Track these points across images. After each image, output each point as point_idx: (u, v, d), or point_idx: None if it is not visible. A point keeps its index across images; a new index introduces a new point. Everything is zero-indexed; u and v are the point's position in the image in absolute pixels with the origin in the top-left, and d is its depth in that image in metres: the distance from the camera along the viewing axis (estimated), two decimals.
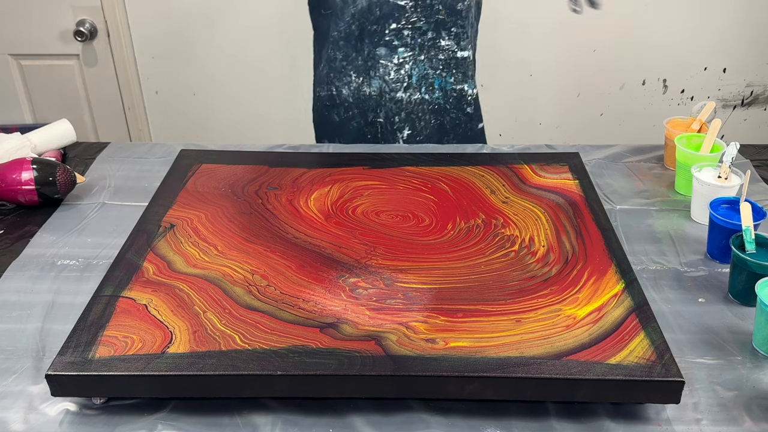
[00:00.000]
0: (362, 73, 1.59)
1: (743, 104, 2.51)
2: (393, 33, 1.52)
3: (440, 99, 1.60)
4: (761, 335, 0.98)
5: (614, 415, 0.89)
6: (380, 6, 1.50)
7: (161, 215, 1.19)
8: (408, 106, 1.59)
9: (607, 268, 1.05)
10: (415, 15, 1.51)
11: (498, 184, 1.29)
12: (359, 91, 1.60)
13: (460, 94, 1.60)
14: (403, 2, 1.50)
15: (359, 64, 1.58)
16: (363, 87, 1.60)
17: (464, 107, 1.62)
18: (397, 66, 1.56)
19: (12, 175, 1.29)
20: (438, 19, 1.52)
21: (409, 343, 0.91)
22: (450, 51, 1.56)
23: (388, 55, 1.55)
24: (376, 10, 1.50)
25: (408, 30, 1.52)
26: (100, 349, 0.90)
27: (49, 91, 2.46)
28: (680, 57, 2.40)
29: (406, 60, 1.55)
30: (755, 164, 1.46)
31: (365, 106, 1.61)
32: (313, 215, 1.19)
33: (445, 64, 1.57)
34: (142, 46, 2.40)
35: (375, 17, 1.51)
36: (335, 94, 1.62)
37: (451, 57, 1.57)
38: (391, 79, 1.57)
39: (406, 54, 1.55)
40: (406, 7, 1.50)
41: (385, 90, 1.58)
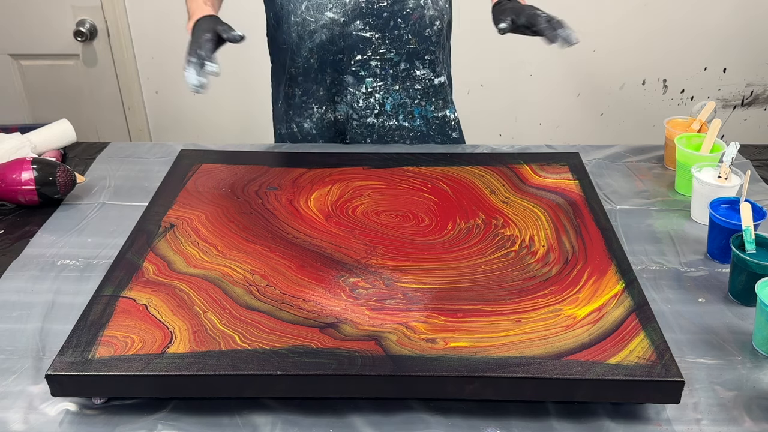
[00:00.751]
0: (325, 102, 1.52)
1: (743, 104, 2.51)
2: (359, 64, 1.45)
3: (423, 126, 1.54)
4: (761, 335, 0.98)
5: (614, 415, 0.89)
6: (343, 38, 1.43)
7: (161, 215, 1.19)
8: (381, 130, 1.54)
9: (607, 268, 1.05)
10: (383, 47, 1.44)
11: (498, 184, 1.29)
12: (323, 119, 1.54)
13: (443, 121, 1.55)
14: (368, 34, 1.42)
15: (321, 94, 1.52)
16: (327, 114, 1.54)
17: (449, 133, 1.57)
18: (366, 95, 1.49)
19: (12, 175, 1.29)
20: (409, 49, 1.45)
21: (409, 343, 0.91)
22: (426, 80, 1.50)
23: (356, 84, 1.48)
24: (339, 41, 1.43)
25: (376, 61, 1.45)
26: (100, 349, 0.90)
27: (49, 91, 2.46)
28: (680, 57, 2.41)
29: (375, 89, 1.49)
30: (755, 164, 1.46)
31: (330, 132, 1.56)
32: (313, 215, 1.19)
33: (424, 93, 1.51)
34: (142, 46, 2.40)
35: (338, 48, 1.44)
36: (296, 131, 1.57)
37: (429, 86, 1.51)
38: (360, 106, 1.50)
39: (375, 84, 1.48)
40: (372, 39, 1.43)
41: (352, 116, 1.52)
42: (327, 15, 1.40)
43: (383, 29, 1.42)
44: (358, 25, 1.41)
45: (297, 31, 1.44)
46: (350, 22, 1.41)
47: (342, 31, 1.41)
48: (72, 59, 2.41)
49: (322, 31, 1.42)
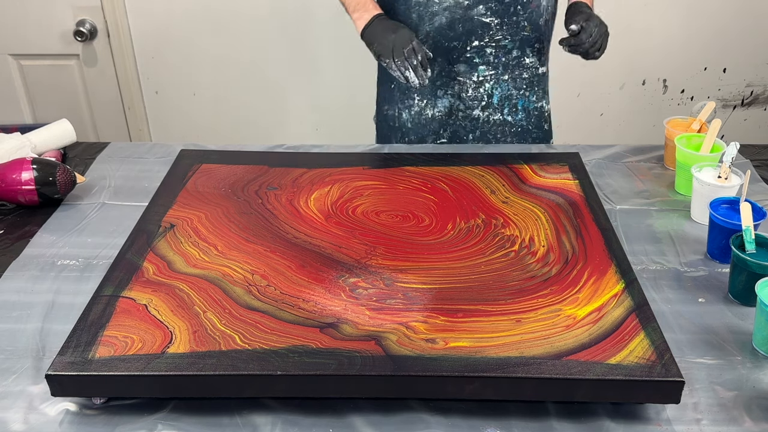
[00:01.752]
0: (427, 95, 1.54)
1: (743, 104, 2.51)
2: (474, 50, 1.47)
3: (523, 120, 1.57)
4: (761, 335, 0.98)
5: (614, 415, 0.89)
6: (463, 23, 1.44)
7: (161, 215, 1.19)
8: (485, 125, 1.56)
9: (607, 268, 1.05)
10: (500, 33, 1.46)
11: (498, 184, 1.29)
12: (420, 115, 1.56)
13: (540, 111, 1.58)
14: (488, 19, 1.44)
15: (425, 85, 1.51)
16: (426, 110, 1.55)
17: (543, 125, 1.60)
18: (476, 84, 1.51)
19: (12, 175, 1.29)
20: (523, 36, 1.47)
21: (409, 343, 0.91)
22: (533, 68, 1.53)
23: (468, 72, 1.50)
24: (458, 27, 1.45)
25: (491, 48, 1.47)
26: (100, 349, 0.90)
27: (49, 91, 2.46)
28: (680, 57, 2.40)
29: (486, 78, 1.51)
30: (755, 164, 1.46)
31: (424, 131, 1.57)
32: (313, 215, 1.19)
33: (529, 83, 1.54)
34: (142, 46, 2.40)
35: (455, 34, 1.46)
36: (397, 116, 1.59)
37: (534, 75, 1.54)
38: (468, 96, 1.52)
39: (487, 72, 1.50)
40: (491, 24, 1.44)
41: (458, 107, 1.53)
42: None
43: (503, 15, 1.44)
44: (480, 10, 1.43)
45: (418, 12, 1.46)
46: (473, 5, 1.43)
47: (464, 14, 1.44)
48: (72, 59, 2.40)
49: (444, 14, 1.44)
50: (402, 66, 1.35)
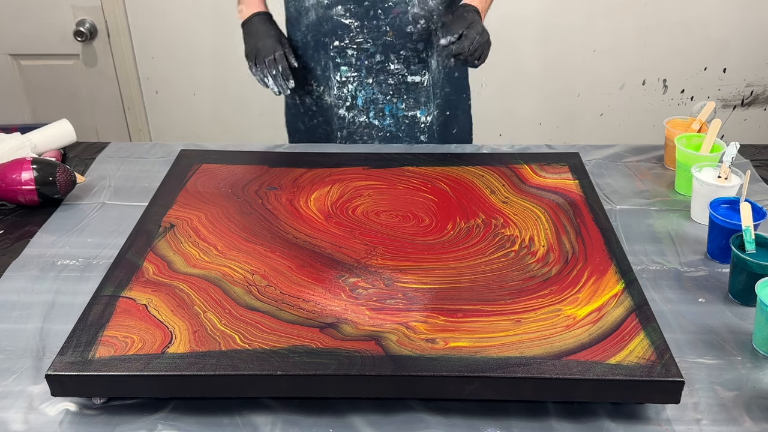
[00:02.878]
0: (322, 82, 1.54)
1: (743, 104, 2.51)
2: (336, 50, 1.46)
3: (392, 126, 1.54)
4: (761, 335, 0.98)
5: (614, 415, 0.89)
6: (325, 21, 1.45)
7: (161, 215, 1.19)
8: (350, 125, 1.54)
9: (607, 268, 1.05)
10: (360, 35, 1.44)
11: (498, 184, 1.29)
12: (321, 99, 1.56)
13: (413, 120, 1.54)
14: (348, 21, 1.43)
15: (318, 73, 1.53)
16: (324, 96, 1.55)
17: (417, 135, 1.56)
18: (340, 84, 1.50)
19: (12, 175, 1.29)
20: (386, 41, 1.44)
21: (409, 343, 0.91)
22: (400, 75, 1.49)
23: (332, 69, 1.49)
24: (324, 25, 1.45)
25: (352, 50, 1.46)
26: (100, 349, 0.90)
27: (49, 91, 2.46)
28: (680, 57, 2.41)
29: (349, 80, 1.49)
30: (755, 164, 1.46)
31: (329, 113, 1.57)
32: (313, 215, 1.19)
33: (396, 89, 1.51)
34: (142, 46, 2.40)
35: (323, 31, 1.46)
36: (299, 103, 1.59)
37: (401, 82, 1.50)
38: (334, 95, 1.52)
39: (349, 74, 1.48)
40: (351, 26, 1.43)
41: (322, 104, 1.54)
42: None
43: (363, 18, 1.43)
44: (339, 10, 1.42)
45: (295, 6, 1.49)
46: (332, 5, 1.43)
47: (325, 13, 1.44)
48: (72, 59, 2.41)
49: (311, 10, 1.45)
50: (260, 73, 1.43)
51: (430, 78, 1.52)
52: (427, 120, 1.55)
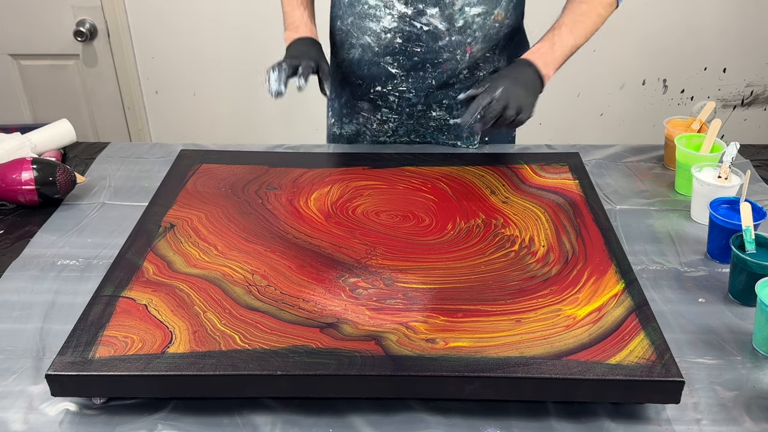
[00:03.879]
0: (336, 115, 1.53)
1: (743, 104, 2.51)
2: (377, 94, 1.44)
3: None
4: (761, 335, 0.98)
5: (614, 415, 0.89)
6: (369, 66, 1.41)
7: (161, 215, 1.19)
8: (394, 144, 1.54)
9: (607, 268, 1.05)
10: (404, 84, 1.41)
11: (498, 184, 1.29)
12: (330, 130, 1.57)
13: (454, 146, 1.53)
14: (394, 71, 1.39)
15: (335, 106, 1.53)
16: (333, 128, 1.56)
17: None
18: (380, 121, 1.49)
19: (12, 175, 1.29)
20: (429, 92, 1.42)
21: (409, 343, 0.91)
22: (442, 119, 1.47)
23: (371, 110, 1.48)
24: (364, 68, 1.42)
25: (394, 96, 1.43)
26: (100, 349, 0.90)
27: (49, 91, 2.46)
28: (680, 57, 2.41)
29: (390, 119, 1.48)
30: (755, 164, 1.46)
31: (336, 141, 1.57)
32: (313, 215, 1.19)
33: (437, 129, 1.49)
34: (142, 46, 2.40)
35: (361, 74, 1.43)
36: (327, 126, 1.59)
37: (444, 124, 1.48)
38: (374, 128, 1.50)
39: (390, 115, 1.47)
40: (396, 76, 1.40)
41: (365, 133, 1.52)
42: (366, 38, 1.38)
43: (410, 69, 1.39)
44: (388, 60, 1.39)
45: (341, 37, 1.44)
46: (381, 54, 1.38)
47: (372, 59, 1.40)
48: (72, 59, 2.41)
49: (358, 50, 1.41)
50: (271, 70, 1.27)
51: None
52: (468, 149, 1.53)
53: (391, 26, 1.34)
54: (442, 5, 1.31)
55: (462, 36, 1.35)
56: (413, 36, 1.34)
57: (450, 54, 1.36)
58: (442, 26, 1.33)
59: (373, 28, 1.35)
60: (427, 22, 1.32)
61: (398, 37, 1.35)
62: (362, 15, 1.36)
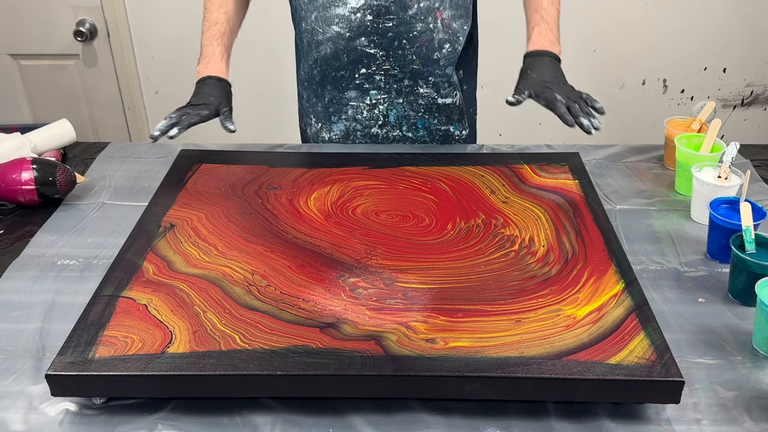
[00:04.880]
0: (321, 118, 1.53)
1: (743, 104, 2.51)
2: (363, 77, 1.45)
3: (425, 138, 1.54)
4: (761, 335, 0.98)
5: (614, 415, 0.89)
6: (347, 53, 1.42)
7: (161, 215, 1.19)
8: (384, 140, 1.54)
9: (607, 268, 1.05)
10: (387, 63, 1.43)
11: (498, 184, 1.29)
12: (318, 136, 1.57)
13: (446, 134, 1.54)
14: (372, 51, 1.41)
15: (319, 110, 1.53)
16: (322, 133, 1.56)
17: None
18: (370, 106, 1.49)
19: (12, 175, 1.29)
20: (413, 69, 1.44)
21: (409, 343, 0.91)
22: (430, 98, 1.48)
23: (359, 97, 1.48)
24: (342, 57, 1.43)
25: (380, 76, 1.45)
26: (100, 349, 0.90)
27: (49, 91, 2.46)
28: (680, 57, 2.40)
29: (379, 101, 1.48)
30: (755, 164, 1.46)
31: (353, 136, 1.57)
32: (313, 215, 1.19)
33: (426, 108, 1.50)
34: (142, 46, 2.40)
35: (341, 63, 1.44)
36: (304, 130, 1.60)
37: (432, 103, 1.49)
38: (364, 117, 1.50)
39: (379, 96, 1.48)
40: (376, 55, 1.42)
41: (355, 128, 1.52)
42: (333, 29, 1.39)
43: (387, 48, 1.41)
44: (363, 41, 1.40)
45: (307, 39, 1.45)
46: (355, 38, 1.40)
47: (346, 45, 1.41)
48: (72, 59, 2.40)
49: (328, 44, 1.42)
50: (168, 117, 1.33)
51: (461, 97, 1.52)
52: (462, 134, 1.55)
53: (358, 5, 1.37)
54: None
55: (429, 1, 1.38)
56: (382, 10, 1.37)
57: (423, 24, 1.38)
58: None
59: (340, 13, 1.38)
60: None
61: (368, 14, 1.37)
62: (326, 5, 1.38)
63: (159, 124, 1.32)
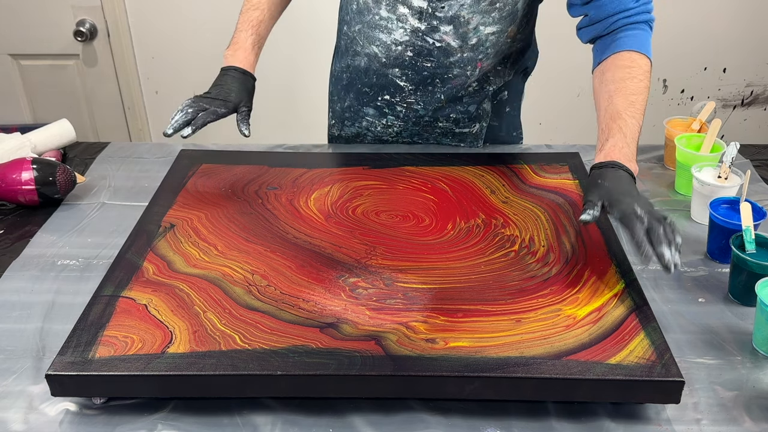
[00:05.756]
0: (337, 117, 1.53)
1: (743, 104, 2.51)
2: (385, 103, 1.43)
3: None
4: (761, 335, 0.98)
5: (614, 415, 0.89)
6: (377, 75, 1.39)
7: (161, 215, 1.19)
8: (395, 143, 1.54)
9: (607, 268, 1.05)
10: (412, 97, 1.40)
11: (498, 184, 1.29)
12: (329, 132, 1.57)
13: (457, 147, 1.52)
14: (403, 83, 1.38)
15: (337, 109, 1.52)
16: (333, 130, 1.56)
17: None
18: (385, 126, 1.48)
19: (12, 175, 1.29)
20: (437, 106, 1.42)
21: (409, 343, 0.91)
22: (448, 128, 1.47)
23: (377, 116, 1.47)
24: (372, 77, 1.40)
25: (402, 107, 1.43)
26: (100, 349, 0.90)
27: (49, 91, 2.46)
28: (680, 57, 2.40)
29: (395, 125, 1.47)
30: (755, 164, 1.46)
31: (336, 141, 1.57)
32: (313, 215, 1.19)
33: (442, 133, 1.49)
34: (142, 46, 2.40)
35: (369, 81, 1.41)
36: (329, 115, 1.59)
37: (449, 131, 1.48)
38: (378, 131, 1.50)
39: (396, 122, 1.46)
40: (405, 89, 1.39)
41: (365, 135, 1.52)
42: (372, 48, 1.36)
43: (418, 84, 1.39)
44: (396, 72, 1.37)
45: (345, 42, 1.43)
46: (390, 66, 1.37)
47: (379, 69, 1.38)
48: (72, 59, 2.40)
49: (364, 58, 1.39)
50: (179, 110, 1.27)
51: (481, 127, 1.49)
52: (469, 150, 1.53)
53: (402, 39, 1.32)
54: (456, 23, 1.28)
55: (474, 53, 1.33)
56: (424, 51, 1.33)
57: (460, 70, 1.35)
58: (455, 43, 1.31)
59: (383, 39, 1.33)
60: (440, 38, 1.30)
61: (409, 50, 1.33)
62: (372, 25, 1.33)
63: (174, 117, 1.24)
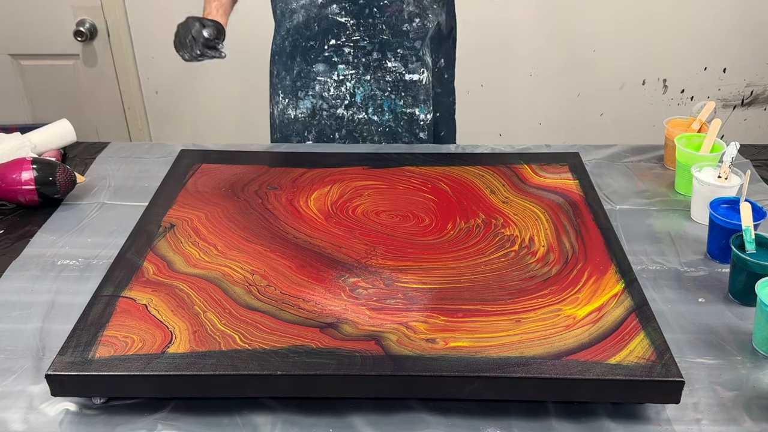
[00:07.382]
0: (288, 94, 1.54)
1: (743, 104, 2.51)
2: (332, 49, 1.46)
3: (391, 122, 1.54)
4: (761, 335, 0.98)
5: (614, 415, 0.89)
6: (318, 21, 1.44)
7: (161, 215, 1.19)
8: (350, 124, 1.54)
9: (607, 268, 1.05)
10: (357, 33, 1.45)
11: (498, 184, 1.29)
12: (283, 115, 1.57)
13: (411, 117, 1.54)
14: (343, 19, 1.43)
15: (287, 84, 1.53)
16: (288, 110, 1.56)
17: (416, 131, 1.56)
18: (337, 83, 1.50)
19: (12, 175, 1.29)
20: (382, 39, 1.45)
21: (409, 343, 0.91)
22: (397, 73, 1.49)
23: (327, 71, 1.49)
24: (314, 26, 1.45)
25: (349, 48, 1.46)
26: (100, 349, 0.90)
27: (49, 91, 2.46)
28: (680, 57, 2.40)
29: (347, 78, 1.49)
30: (755, 164, 1.46)
31: (288, 131, 1.57)
32: (313, 215, 1.19)
33: (394, 86, 1.51)
34: (142, 46, 2.40)
35: (312, 33, 1.46)
36: (270, 113, 1.60)
37: (399, 80, 1.50)
38: (330, 95, 1.51)
39: (347, 72, 1.49)
40: (347, 24, 1.44)
41: (321, 107, 1.52)
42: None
43: (358, 16, 1.43)
44: (334, 9, 1.43)
45: (281, 8, 1.49)
46: (327, 4, 1.43)
47: (318, 13, 1.44)
48: (72, 59, 2.40)
49: (300, 12, 1.45)
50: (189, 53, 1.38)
51: (429, 76, 1.52)
52: (426, 118, 1.55)
53: None
54: None
55: None
56: None
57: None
58: None
59: None
60: None
61: None
62: None
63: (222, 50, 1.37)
